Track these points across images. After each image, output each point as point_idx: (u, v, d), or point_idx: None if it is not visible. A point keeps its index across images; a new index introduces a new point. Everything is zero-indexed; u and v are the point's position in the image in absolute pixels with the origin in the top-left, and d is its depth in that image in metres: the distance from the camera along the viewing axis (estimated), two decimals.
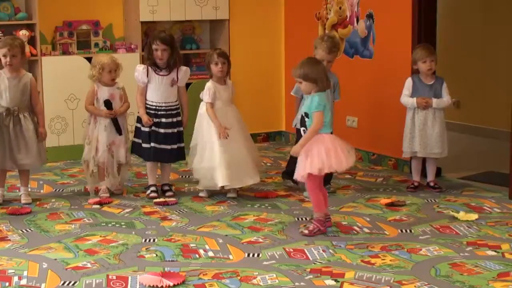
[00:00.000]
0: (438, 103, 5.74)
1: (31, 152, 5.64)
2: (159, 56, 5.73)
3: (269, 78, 7.99)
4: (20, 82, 5.61)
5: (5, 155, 5.60)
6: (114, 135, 5.74)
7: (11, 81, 5.59)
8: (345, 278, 4.05)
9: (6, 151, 5.60)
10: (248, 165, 5.73)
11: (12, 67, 5.58)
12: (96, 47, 7.35)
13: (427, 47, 5.83)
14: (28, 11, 7.07)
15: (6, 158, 5.61)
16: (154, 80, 5.78)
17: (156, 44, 5.74)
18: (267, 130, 7.94)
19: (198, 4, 7.54)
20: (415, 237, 4.77)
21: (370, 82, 6.85)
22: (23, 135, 5.60)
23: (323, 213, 4.84)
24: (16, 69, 5.62)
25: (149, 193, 5.82)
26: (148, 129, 5.76)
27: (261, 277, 4.07)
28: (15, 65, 5.58)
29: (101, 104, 5.73)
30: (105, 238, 4.81)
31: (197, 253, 4.50)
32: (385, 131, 6.45)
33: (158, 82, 5.78)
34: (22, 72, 5.68)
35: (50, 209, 5.54)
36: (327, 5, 7.32)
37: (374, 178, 6.41)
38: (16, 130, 5.58)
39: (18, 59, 5.59)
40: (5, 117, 5.58)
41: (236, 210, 5.45)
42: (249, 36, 7.88)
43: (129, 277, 4.09)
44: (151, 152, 5.78)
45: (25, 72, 5.73)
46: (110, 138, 5.73)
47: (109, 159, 5.73)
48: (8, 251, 4.57)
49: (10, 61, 5.54)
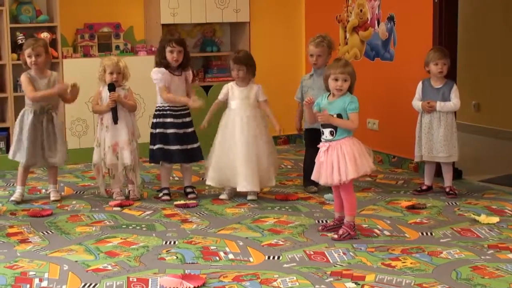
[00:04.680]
0: (442, 106, 5.70)
1: (62, 149, 5.76)
2: (175, 57, 5.76)
3: (290, 81, 7.97)
4: (50, 81, 5.73)
5: (37, 152, 5.69)
6: (117, 136, 5.71)
7: (42, 81, 5.70)
8: (366, 281, 4.03)
9: (38, 148, 5.69)
10: (250, 170, 5.67)
11: (38, 67, 5.67)
12: (117, 50, 7.38)
13: (441, 49, 5.80)
14: (49, 13, 7.12)
15: (38, 156, 5.70)
16: (173, 81, 5.81)
17: (171, 46, 5.76)
18: (287, 133, 7.93)
19: (218, 6, 7.56)
20: (436, 240, 4.74)
21: (391, 84, 6.83)
22: (54, 133, 5.72)
23: (354, 217, 4.83)
24: (43, 69, 5.72)
25: (161, 196, 5.84)
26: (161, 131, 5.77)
27: (281, 279, 4.07)
28: (40, 64, 5.68)
29: (104, 99, 5.72)
30: (126, 240, 4.83)
31: (218, 255, 4.51)
32: (405, 134, 6.42)
33: (175, 83, 5.81)
34: (48, 72, 5.79)
35: (71, 211, 5.56)
36: (348, 8, 7.31)
37: (394, 180, 6.38)
38: (49, 128, 5.70)
39: (43, 58, 5.68)
40: (39, 115, 5.67)
41: (257, 212, 5.45)
42: (269, 39, 7.88)
43: (149, 279, 4.10)
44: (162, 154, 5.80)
45: (51, 72, 5.83)
46: (113, 139, 5.71)
47: (114, 160, 5.73)
48: (29, 253, 4.59)
49: (35, 61, 5.63)
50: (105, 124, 5.71)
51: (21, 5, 7.02)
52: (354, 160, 4.69)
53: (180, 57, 5.80)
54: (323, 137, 4.82)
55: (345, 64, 4.82)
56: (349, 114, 4.75)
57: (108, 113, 5.68)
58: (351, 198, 4.82)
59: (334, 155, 4.72)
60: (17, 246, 4.73)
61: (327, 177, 4.75)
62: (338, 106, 4.78)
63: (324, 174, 4.76)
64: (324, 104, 4.83)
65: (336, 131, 4.75)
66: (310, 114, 4.98)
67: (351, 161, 4.69)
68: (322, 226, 5.01)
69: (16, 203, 5.73)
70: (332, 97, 4.83)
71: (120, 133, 5.70)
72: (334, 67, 4.80)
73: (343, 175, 4.69)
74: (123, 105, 5.71)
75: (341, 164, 4.70)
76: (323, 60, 5.88)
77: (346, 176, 4.68)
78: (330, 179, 4.74)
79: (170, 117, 5.79)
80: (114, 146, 5.70)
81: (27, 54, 5.65)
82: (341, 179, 4.69)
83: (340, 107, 4.77)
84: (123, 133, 5.70)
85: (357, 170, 4.70)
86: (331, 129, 4.76)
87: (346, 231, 4.78)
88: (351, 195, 4.82)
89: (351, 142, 4.75)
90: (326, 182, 4.80)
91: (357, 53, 7.21)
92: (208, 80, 7.76)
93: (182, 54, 5.80)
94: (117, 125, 5.67)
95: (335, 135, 4.75)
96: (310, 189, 5.97)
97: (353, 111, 4.75)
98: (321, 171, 4.79)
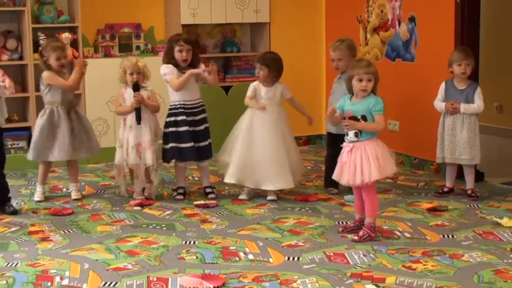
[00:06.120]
0: (466, 108, 5.65)
1: (92, 142, 5.91)
2: (184, 56, 5.74)
3: (310, 81, 7.97)
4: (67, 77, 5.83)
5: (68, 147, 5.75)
6: (140, 136, 5.72)
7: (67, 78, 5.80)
8: (386, 283, 4.01)
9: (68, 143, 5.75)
10: (272, 170, 5.67)
11: (64, 68, 5.82)
12: (137, 50, 7.40)
13: (464, 50, 5.76)
14: (70, 14, 7.15)
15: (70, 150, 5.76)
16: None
17: (180, 45, 5.75)
18: (307, 134, 7.92)
19: (239, 7, 7.56)
20: (458, 242, 4.71)
21: (412, 85, 6.80)
22: (84, 126, 5.84)
23: (375, 218, 4.82)
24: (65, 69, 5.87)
25: (175, 195, 5.85)
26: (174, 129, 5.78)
27: (301, 280, 4.06)
28: (66, 67, 5.85)
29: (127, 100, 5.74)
30: (146, 239, 4.84)
31: (237, 255, 4.50)
32: (427, 135, 6.39)
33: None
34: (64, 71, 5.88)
35: (92, 210, 5.59)
36: (368, 8, 7.28)
37: (415, 182, 6.35)
38: (78, 122, 5.82)
39: (68, 60, 5.90)
40: (68, 112, 5.78)
41: (276, 213, 5.44)
42: (289, 39, 7.87)
43: (169, 278, 4.10)
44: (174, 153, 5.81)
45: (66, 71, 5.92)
46: (137, 139, 5.72)
47: (137, 160, 5.74)
48: (50, 251, 4.62)
49: (64, 63, 5.78)
50: (129, 124, 5.72)
51: (43, 6, 7.06)
52: (377, 162, 4.67)
53: (189, 56, 5.77)
54: (347, 137, 4.79)
55: (368, 64, 4.80)
56: (375, 116, 4.72)
57: (132, 113, 5.70)
58: (373, 199, 4.80)
59: (357, 156, 4.70)
60: (39, 244, 4.76)
61: (349, 178, 4.74)
62: (362, 107, 4.75)
63: (347, 174, 4.74)
64: (347, 106, 4.80)
65: (360, 132, 4.73)
66: (333, 120, 4.96)
67: (374, 162, 4.67)
68: (342, 228, 5.00)
69: (38, 202, 5.77)
70: (356, 98, 4.81)
71: (143, 133, 5.71)
72: (358, 67, 4.78)
73: (366, 177, 4.67)
74: (147, 106, 5.72)
75: (364, 165, 4.68)
76: (344, 63, 5.76)
77: (369, 178, 4.66)
78: (352, 180, 4.72)
79: (182, 115, 5.80)
80: (137, 146, 5.71)
81: (55, 57, 5.70)
82: (364, 180, 4.67)
83: (364, 109, 4.74)
84: (146, 134, 5.71)
85: (380, 172, 4.68)
86: (356, 130, 4.74)
87: (367, 232, 4.76)
88: (373, 196, 4.80)
89: (375, 143, 4.73)
90: (348, 182, 4.79)
91: (378, 54, 7.18)
92: (228, 80, 7.76)
93: (191, 53, 5.78)
94: (140, 125, 5.68)
95: (359, 137, 4.73)
96: (330, 191, 5.96)
97: (379, 113, 4.73)
98: (343, 172, 4.77)
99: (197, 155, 5.86)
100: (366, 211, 4.81)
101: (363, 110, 4.73)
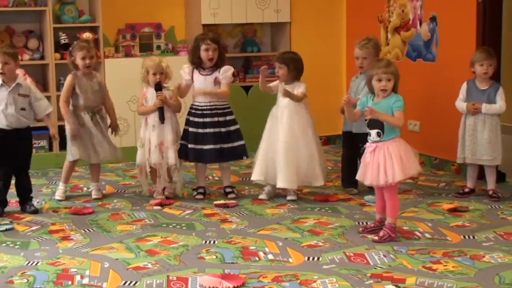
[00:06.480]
0: (488, 108, 5.62)
1: (111, 145, 5.89)
2: (210, 55, 5.75)
3: (330, 81, 7.95)
4: (95, 81, 5.83)
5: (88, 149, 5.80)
6: (163, 135, 5.73)
7: (89, 81, 5.79)
8: (406, 283, 3.99)
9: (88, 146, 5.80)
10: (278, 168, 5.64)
11: (90, 69, 5.79)
12: (158, 50, 7.43)
13: (487, 50, 5.72)
14: (92, 14, 7.19)
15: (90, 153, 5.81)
16: (198, 80, 5.81)
17: (206, 43, 5.75)
18: (327, 134, 7.90)
19: (259, 7, 7.56)
20: (479, 243, 4.68)
21: (433, 85, 6.76)
22: (102, 131, 5.83)
23: (396, 219, 4.80)
24: (91, 70, 5.83)
25: (195, 195, 5.86)
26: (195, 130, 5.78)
27: (321, 281, 4.05)
28: (92, 67, 5.81)
29: (149, 99, 5.75)
30: (166, 239, 4.85)
31: (257, 255, 4.50)
32: (447, 136, 6.36)
33: (202, 81, 5.81)
34: (93, 72, 5.88)
35: (112, 209, 5.61)
36: (389, 8, 7.26)
37: (436, 183, 6.32)
38: (97, 126, 5.80)
39: (94, 60, 5.85)
40: (92, 117, 5.79)
41: (296, 213, 5.44)
42: (310, 39, 7.85)
43: (189, 278, 4.11)
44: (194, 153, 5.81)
45: (95, 72, 5.91)
46: (159, 138, 5.73)
47: (160, 160, 5.75)
48: (70, 250, 4.64)
49: (89, 63, 5.73)
50: (151, 123, 5.74)
51: (64, 6, 7.10)
52: (401, 162, 4.65)
53: (215, 55, 5.78)
54: (369, 138, 4.77)
55: (388, 64, 4.79)
56: (395, 112, 4.70)
57: (154, 113, 5.71)
58: (394, 200, 4.78)
59: (380, 156, 4.68)
60: (59, 243, 4.78)
61: (372, 178, 4.72)
62: (383, 106, 4.73)
63: (370, 174, 4.73)
64: (369, 105, 4.78)
65: (383, 132, 4.71)
66: (350, 113, 4.95)
67: (398, 163, 4.65)
68: (363, 228, 4.98)
69: (58, 201, 5.80)
70: (377, 98, 4.80)
71: (166, 132, 5.73)
72: (377, 67, 4.77)
73: (389, 177, 4.65)
74: (169, 105, 5.74)
75: (387, 166, 4.66)
76: (369, 62, 5.73)
77: (393, 178, 4.64)
78: (376, 180, 4.71)
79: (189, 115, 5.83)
80: (160, 145, 5.72)
81: (81, 56, 5.71)
82: (387, 180, 4.66)
83: (386, 107, 4.72)
84: (168, 133, 5.73)
85: (404, 172, 4.66)
86: (378, 130, 4.71)
87: (387, 233, 4.74)
88: (395, 197, 4.78)
89: (398, 143, 4.71)
90: (372, 183, 4.77)
91: (398, 54, 7.16)
92: (249, 80, 7.76)
93: (217, 52, 5.79)
94: (163, 125, 5.70)
95: (382, 136, 4.71)
96: (350, 191, 5.94)
97: (399, 109, 4.71)
98: (366, 172, 4.76)
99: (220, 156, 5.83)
100: (387, 211, 4.79)
101: (385, 109, 4.72)
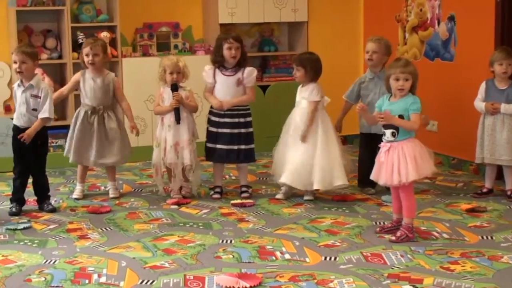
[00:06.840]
0: (507, 108, 5.59)
1: (113, 151, 5.81)
2: (233, 54, 5.76)
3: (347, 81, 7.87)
4: (103, 81, 5.79)
5: (88, 153, 5.77)
6: (179, 136, 5.73)
7: (95, 81, 5.77)
8: (424, 284, 3.97)
9: (89, 149, 5.77)
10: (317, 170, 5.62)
11: (94, 66, 5.74)
12: (175, 49, 7.44)
13: (506, 49, 5.69)
14: (109, 13, 7.21)
15: (89, 156, 5.78)
16: (220, 80, 5.82)
17: (229, 42, 5.77)
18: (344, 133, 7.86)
19: (277, 6, 7.56)
20: (497, 244, 4.65)
21: (451, 85, 6.73)
22: (106, 134, 5.77)
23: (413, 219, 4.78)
24: (99, 69, 5.78)
25: (212, 194, 5.87)
26: (215, 129, 5.80)
27: (338, 280, 4.04)
28: (97, 64, 5.74)
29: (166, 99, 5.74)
30: (183, 238, 4.85)
31: (274, 255, 4.50)
32: (466, 135, 6.33)
33: (224, 82, 5.81)
34: (105, 72, 5.83)
35: (129, 208, 5.62)
36: (407, 7, 7.23)
37: (454, 183, 6.29)
38: (100, 129, 5.76)
39: (100, 58, 5.74)
40: (90, 116, 5.75)
41: (313, 213, 5.43)
42: (327, 38, 7.84)
43: (206, 277, 4.11)
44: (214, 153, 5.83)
45: (108, 72, 5.88)
46: (175, 138, 5.73)
47: (175, 159, 5.75)
48: (88, 249, 4.66)
49: (92, 60, 5.69)
50: (167, 123, 5.74)
51: (82, 5, 7.12)
52: (415, 162, 4.63)
53: (238, 54, 5.80)
54: (384, 137, 4.76)
55: (406, 64, 4.77)
56: (411, 115, 4.68)
57: (170, 113, 5.72)
58: (410, 200, 4.76)
59: (395, 156, 4.66)
60: (77, 242, 4.80)
61: (386, 178, 4.70)
62: (400, 107, 4.72)
63: (384, 174, 4.71)
64: (385, 106, 4.77)
65: (398, 132, 4.69)
66: (368, 119, 4.95)
67: (412, 162, 4.63)
68: (380, 228, 4.96)
69: (76, 200, 5.82)
70: (394, 98, 4.78)
71: (181, 132, 5.73)
72: (395, 66, 4.75)
73: (403, 177, 4.63)
74: (185, 106, 5.74)
75: (401, 165, 4.64)
76: (378, 57, 5.80)
77: (406, 178, 4.63)
78: (390, 180, 4.69)
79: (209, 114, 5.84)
80: (175, 145, 5.73)
81: (85, 53, 5.73)
82: (401, 180, 4.64)
83: (402, 108, 4.71)
84: (184, 133, 5.73)
85: (418, 172, 4.64)
86: (393, 130, 4.70)
87: (404, 233, 4.72)
88: (411, 197, 4.76)
89: (412, 143, 4.69)
90: (386, 182, 4.76)
91: (416, 53, 7.13)
92: (266, 80, 7.75)
93: (239, 50, 5.80)
94: (179, 125, 5.71)
95: (396, 136, 4.69)
96: (367, 191, 5.92)
97: (415, 112, 4.69)
98: (381, 171, 4.74)
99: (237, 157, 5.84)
100: (403, 211, 4.77)
101: (400, 109, 4.70)
